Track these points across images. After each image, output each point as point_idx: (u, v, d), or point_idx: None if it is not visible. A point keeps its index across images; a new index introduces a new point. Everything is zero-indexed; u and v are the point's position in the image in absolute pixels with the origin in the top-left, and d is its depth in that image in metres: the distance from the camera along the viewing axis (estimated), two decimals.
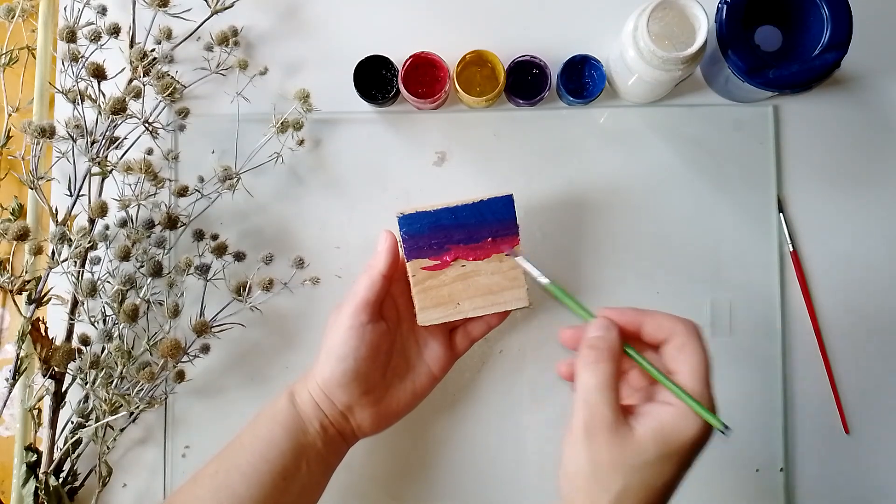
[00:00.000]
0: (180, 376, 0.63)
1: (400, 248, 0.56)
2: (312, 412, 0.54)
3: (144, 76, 0.61)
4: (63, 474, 0.63)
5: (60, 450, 0.62)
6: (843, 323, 0.67)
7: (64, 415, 0.62)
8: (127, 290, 0.59)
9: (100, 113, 0.58)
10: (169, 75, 0.63)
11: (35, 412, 0.64)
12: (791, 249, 0.66)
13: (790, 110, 0.68)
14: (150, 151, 0.64)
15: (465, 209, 0.55)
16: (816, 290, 0.67)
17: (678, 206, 0.67)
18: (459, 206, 0.55)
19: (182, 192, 0.64)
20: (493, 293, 0.56)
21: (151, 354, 0.61)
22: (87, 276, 0.59)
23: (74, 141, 0.59)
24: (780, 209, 0.67)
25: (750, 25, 0.62)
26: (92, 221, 0.60)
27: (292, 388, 0.55)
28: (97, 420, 0.60)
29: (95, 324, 0.60)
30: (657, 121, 0.68)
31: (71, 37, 0.60)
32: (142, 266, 0.61)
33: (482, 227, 0.55)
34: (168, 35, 0.65)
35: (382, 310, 0.56)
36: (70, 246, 0.58)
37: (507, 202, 0.55)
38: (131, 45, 0.65)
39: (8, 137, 0.68)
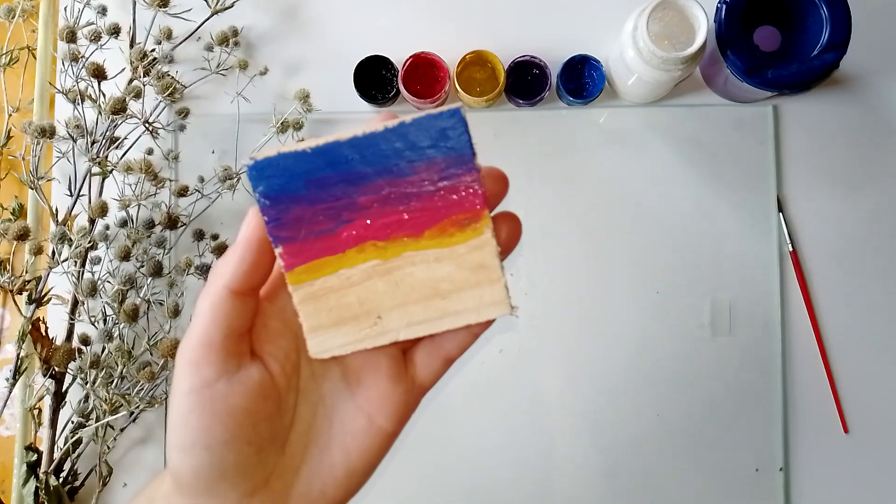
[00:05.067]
0: None
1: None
2: None
3: (144, 76, 0.61)
4: (63, 474, 0.63)
5: (61, 449, 0.62)
6: (842, 323, 0.67)
7: (64, 414, 0.62)
8: (127, 290, 0.59)
9: (100, 113, 0.59)
10: (169, 75, 0.63)
11: (35, 412, 0.64)
12: (791, 249, 0.67)
13: (790, 110, 0.68)
14: (150, 151, 0.64)
15: (372, 141, 0.28)
16: (816, 290, 0.67)
17: (678, 206, 0.67)
18: (361, 136, 0.28)
19: (182, 192, 0.64)
20: (443, 295, 0.30)
21: (152, 354, 0.61)
22: (87, 275, 0.60)
23: (75, 141, 0.59)
24: (780, 209, 0.67)
25: (749, 25, 0.62)
26: (92, 221, 0.60)
27: (151, 486, 0.33)
28: (97, 420, 0.60)
29: (96, 324, 0.61)
30: (657, 121, 0.68)
31: (71, 37, 0.60)
32: (142, 266, 0.61)
33: (411, 173, 0.29)
34: (168, 35, 0.65)
35: (257, 341, 0.31)
36: (70, 246, 0.58)
37: (452, 122, 0.28)
38: (131, 46, 0.65)
39: (8, 137, 0.68)
